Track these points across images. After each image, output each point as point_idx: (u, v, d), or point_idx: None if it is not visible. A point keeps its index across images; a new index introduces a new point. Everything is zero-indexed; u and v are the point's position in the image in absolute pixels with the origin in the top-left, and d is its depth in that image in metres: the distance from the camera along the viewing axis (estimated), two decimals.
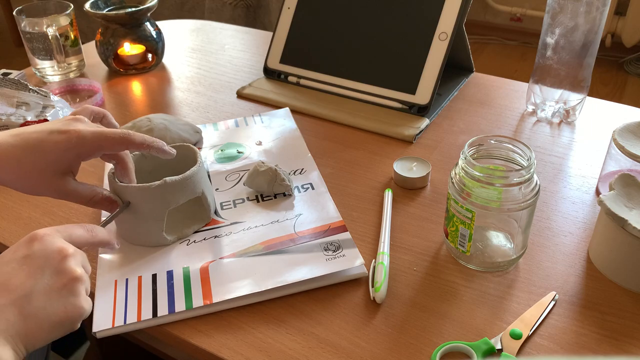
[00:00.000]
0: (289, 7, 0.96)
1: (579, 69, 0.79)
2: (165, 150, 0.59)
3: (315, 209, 0.67)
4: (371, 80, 0.89)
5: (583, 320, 0.54)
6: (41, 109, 0.83)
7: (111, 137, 0.55)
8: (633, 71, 2.35)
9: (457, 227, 0.58)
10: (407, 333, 0.53)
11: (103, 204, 0.58)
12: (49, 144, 0.53)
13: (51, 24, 0.94)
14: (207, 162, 0.77)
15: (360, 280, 0.58)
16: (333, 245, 0.61)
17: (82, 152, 0.54)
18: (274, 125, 0.85)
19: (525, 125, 0.84)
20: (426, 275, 0.59)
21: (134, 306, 0.55)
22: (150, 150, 0.58)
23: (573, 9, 0.74)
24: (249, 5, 2.01)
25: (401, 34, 0.87)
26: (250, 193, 0.70)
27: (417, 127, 0.82)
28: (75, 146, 0.53)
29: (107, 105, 0.93)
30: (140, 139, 0.56)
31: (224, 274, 0.58)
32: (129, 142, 0.56)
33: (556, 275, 0.58)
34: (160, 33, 1.02)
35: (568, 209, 0.67)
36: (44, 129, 0.53)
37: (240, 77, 1.01)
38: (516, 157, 0.57)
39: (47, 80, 1.00)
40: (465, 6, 0.83)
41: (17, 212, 0.69)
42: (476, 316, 0.54)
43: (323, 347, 0.52)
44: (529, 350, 0.51)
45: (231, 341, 0.53)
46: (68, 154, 0.53)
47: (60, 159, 0.53)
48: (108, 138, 0.55)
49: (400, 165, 0.73)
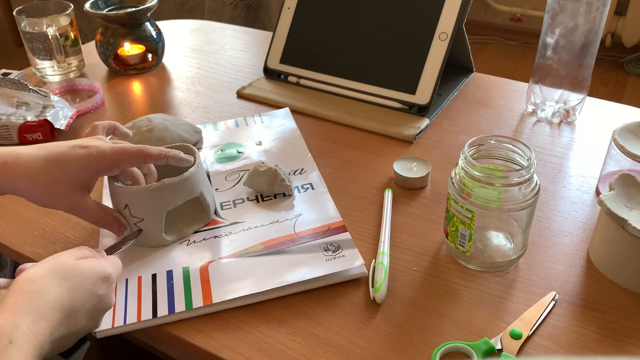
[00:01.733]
0: (289, 7, 0.96)
1: (579, 69, 0.79)
2: (183, 158, 0.61)
3: (315, 209, 0.67)
4: (371, 80, 0.89)
5: (583, 320, 0.54)
6: (41, 109, 0.83)
7: (129, 152, 0.57)
8: (633, 71, 2.35)
9: (457, 227, 0.58)
10: (407, 333, 0.53)
11: (111, 225, 0.59)
12: (71, 157, 0.55)
13: (51, 24, 0.94)
14: (207, 162, 0.77)
15: (360, 280, 0.58)
16: (333, 245, 0.61)
17: (101, 168, 0.56)
18: (274, 125, 0.85)
19: (525, 125, 0.84)
20: (426, 275, 0.59)
21: (134, 306, 0.55)
22: (168, 160, 0.59)
23: (573, 9, 0.74)
24: (249, 5, 2.01)
25: (401, 33, 0.87)
26: (250, 193, 0.70)
27: (417, 127, 0.82)
28: (95, 160, 0.55)
29: (107, 105, 0.93)
30: (157, 152, 0.58)
31: (224, 274, 0.58)
32: (147, 155, 0.58)
33: (556, 275, 0.58)
34: (160, 33, 1.02)
35: (568, 209, 0.67)
36: (66, 144, 0.56)
37: (240, 77, 1.00)
38: (516, 157, 0.57)
39: (47, 80, 0.99)
40: (465, 6, 0.83)
41: (17, 212, 0.69)
42: (476, 316, 0.54)
43: (323, 347, 0.52)
44: (529, 350, 0.51)
45: (231, 341, 0.53)
46: (88, 168, 0.55)
47: (80, 173, 0.55)
48: (127, 153, 0.57)
49: (400, 165, 0.73)
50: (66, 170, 0.55)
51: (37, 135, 0.80)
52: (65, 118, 0.84)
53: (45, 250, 0.63)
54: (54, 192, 0.55)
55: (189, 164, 0.61)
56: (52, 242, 0.64)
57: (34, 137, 0.81)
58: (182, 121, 0.81)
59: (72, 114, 0.86)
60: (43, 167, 0.54)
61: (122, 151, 0.56)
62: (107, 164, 0.56)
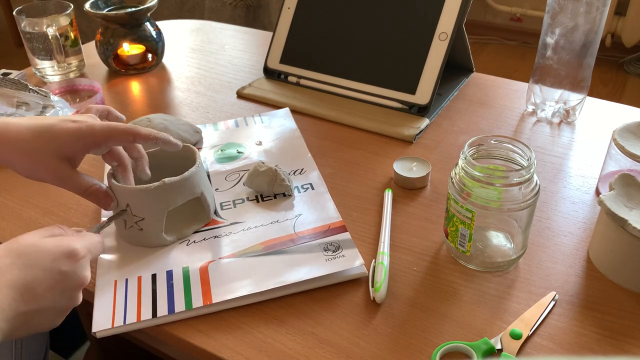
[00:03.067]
0: (289, 7, 0.96)
1: (579, 69, 0.79)
2: (172, 142, 0.60)
3: (315, 209, 0.67)
4: (371, 80, 0.89)
5: (583, 320, 0.54)
6: (41, 109, 0.83)
7: (119, 129, 0.57)
8: (633, 71, 2.35)
9: (457, 227, 0.58)
10: (407, 333, 0.53)
11: (98, 196, 0.59)
12: (60, 129, 0.55)
13: (51, 24, 0.94)
14: (207, 162, 0.77)
15: (360, 280, 0.58)
16: (333, 245, 0.61)
17: (90, 142, 0.56)
18: (274, 125, 0.85)
19: (525, 125, 0.84)
20: (426, 275, 0.59)
21: (134, 306, 0.55)
22: (157, 142, 0.59)
23: (573, 9, 0.74)
24: (249, 5, 2.01)
25: (401, 34, 0.87)
26: (250, 193, 0.70)
27: (417, 127, 0.82)
28: (84, 135, 0.55)
29: (107, 105, 0.93)
30: (146, 131, 0.58)
31: (224, 274, 0.58)
32: (136, 134, 0.57)
33: (556, 275, 0.58)
34: (160, 33, 1.02)
35: (568, 209, 0.67)
36: (57, 118, 0.56)
37: (240, 77, 1.00)
38: (516, 157, 0.57)
39: (47, 80, 1.00)
40: (465, 6, 0.83)
41: (17, 212, 0.69)
42: (476, 316, 0.54)
43: (323, 347, 0.52)
44: (529, 350, 0.51)
45: (231, 341, 0.53)
46: (76, 142, 0.55)
47: (67, 145, 0.55)
48: (116, 130, 0.57)
49: (400, 165, 0.73)
50: (54, 142, 0.54)
51: None
52: None
53: None
54: (40, 161, 0.55)
55: (178, 148, 0.61)
56: None
57: None
58: (182, 121, 0.81)
59: (72, 114, 0.86)
60: (30, 137, 0.54)
61: (111, 128, 0.56)
62: (96, 139, 0.56)
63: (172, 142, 0.60)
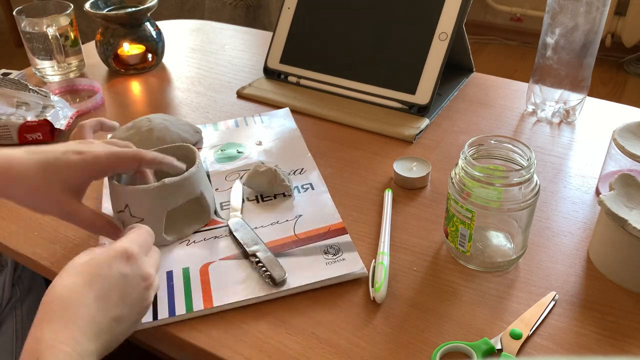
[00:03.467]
0: (289, 7, 0.96)
1: (579, 69, 0.79)
2: (176, 165, 0.61)
3: (315, 210, 0.66)
4: (371, 80, 0.89)
5: (583, 320, 0.54)
6: (41, 109, 0.83)
7: (126, 157, 0.57)
8: (633, 71, 2.35)
9: (457, 227, 0.58)
10: (407, 333, 0.53)
11: (106, 230, 0.58)
12: (65, 162, 0.54)
13: (51, 24, 0.94)
14: (207, 162, 0.76)
15: (360, 280, 0.58)
16: (333, 248, 0.61)
17: (95, 173, 0.56)
18: (274, 125, 0.85)
19: (525, 125, 0.84)
20: (426, 275, 0.59)
21: None
22: (161, 166, 0.60)
23: (573, 9, 0.74)
24: (249, 5, 2.01)
25: (401, 33, 0.87)
26: (250, 193, 0.70)
27: (417, 127, 0.82)
28: (89, 166, 0.55)
29: (107, 105, 0.93)
30: (151, 157, 0.58)
31: (224, 275, 0.58)
32: (141, 160, 0.58)
33: (556, 275, 0.58)
34: (160, 33, 1.02)
35: (568, 209, 0.67)
36: (59, 149, 0.55)
37: (240, 77, 1.00)
38: (516, 157, 0.57)
39: (47, 80, 0.99)
40: (465, 6, 0.83)
41: (17, 212, 0.69)
42: (476, 316, 0.54)
43: (323, 347, 0.52)
44: (529, 350, 0.51)
45: (231, 341, 0.53)
46: (82, 173, 0.55)
47: (73, 178, 0.55)
48: (122, 158, 0.56)
49: (400, 165, 0.73)
50: (59, 175, 0.54)
51: (37, 135, 0.80)
52: (65, 118, 0.84)
53: (46, 250, 0.63)
54: (46, 197, 0.54)
55: (182, 170, 0.61)
56: (52, 242, 0.64)
57: (34, 137, 0.81)
58: (182, 121, 0.81)
59: (72, 114, 0.86)
60: (35, 173, 0.53)
61: (117, 156, 0.56)
62: (101, 168, 0.56)
63: (175, 166, 0.61)
